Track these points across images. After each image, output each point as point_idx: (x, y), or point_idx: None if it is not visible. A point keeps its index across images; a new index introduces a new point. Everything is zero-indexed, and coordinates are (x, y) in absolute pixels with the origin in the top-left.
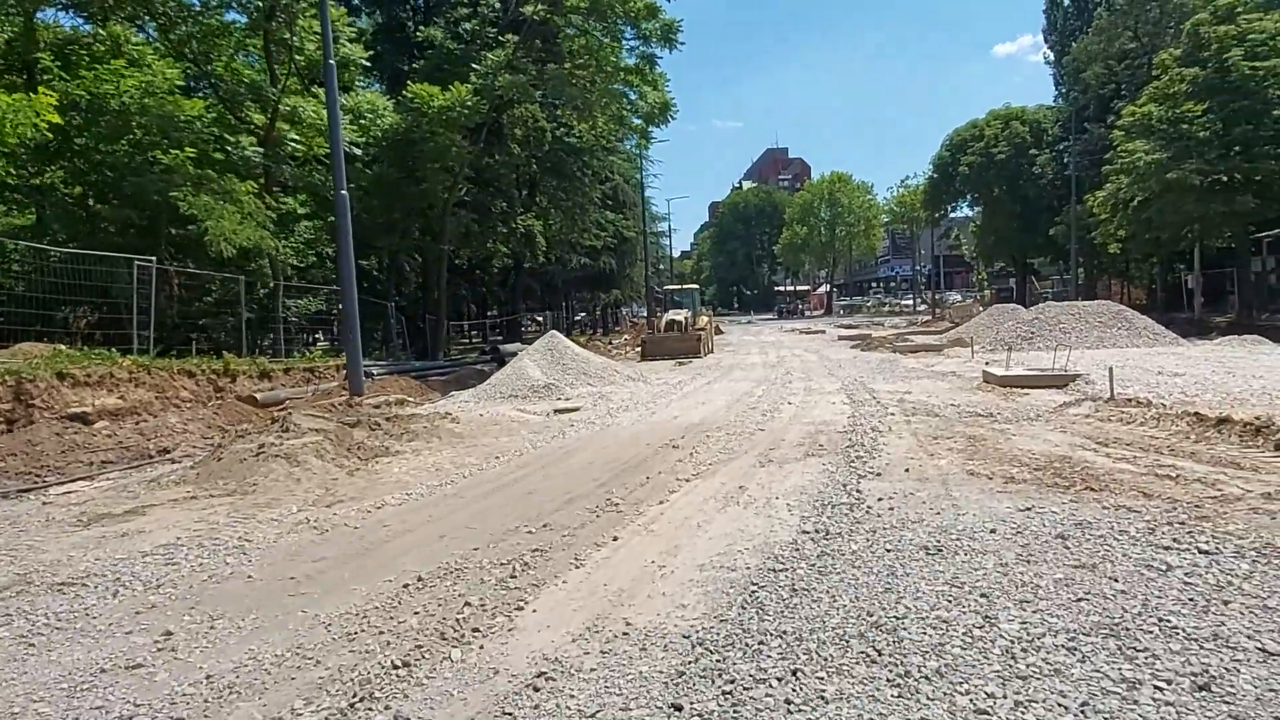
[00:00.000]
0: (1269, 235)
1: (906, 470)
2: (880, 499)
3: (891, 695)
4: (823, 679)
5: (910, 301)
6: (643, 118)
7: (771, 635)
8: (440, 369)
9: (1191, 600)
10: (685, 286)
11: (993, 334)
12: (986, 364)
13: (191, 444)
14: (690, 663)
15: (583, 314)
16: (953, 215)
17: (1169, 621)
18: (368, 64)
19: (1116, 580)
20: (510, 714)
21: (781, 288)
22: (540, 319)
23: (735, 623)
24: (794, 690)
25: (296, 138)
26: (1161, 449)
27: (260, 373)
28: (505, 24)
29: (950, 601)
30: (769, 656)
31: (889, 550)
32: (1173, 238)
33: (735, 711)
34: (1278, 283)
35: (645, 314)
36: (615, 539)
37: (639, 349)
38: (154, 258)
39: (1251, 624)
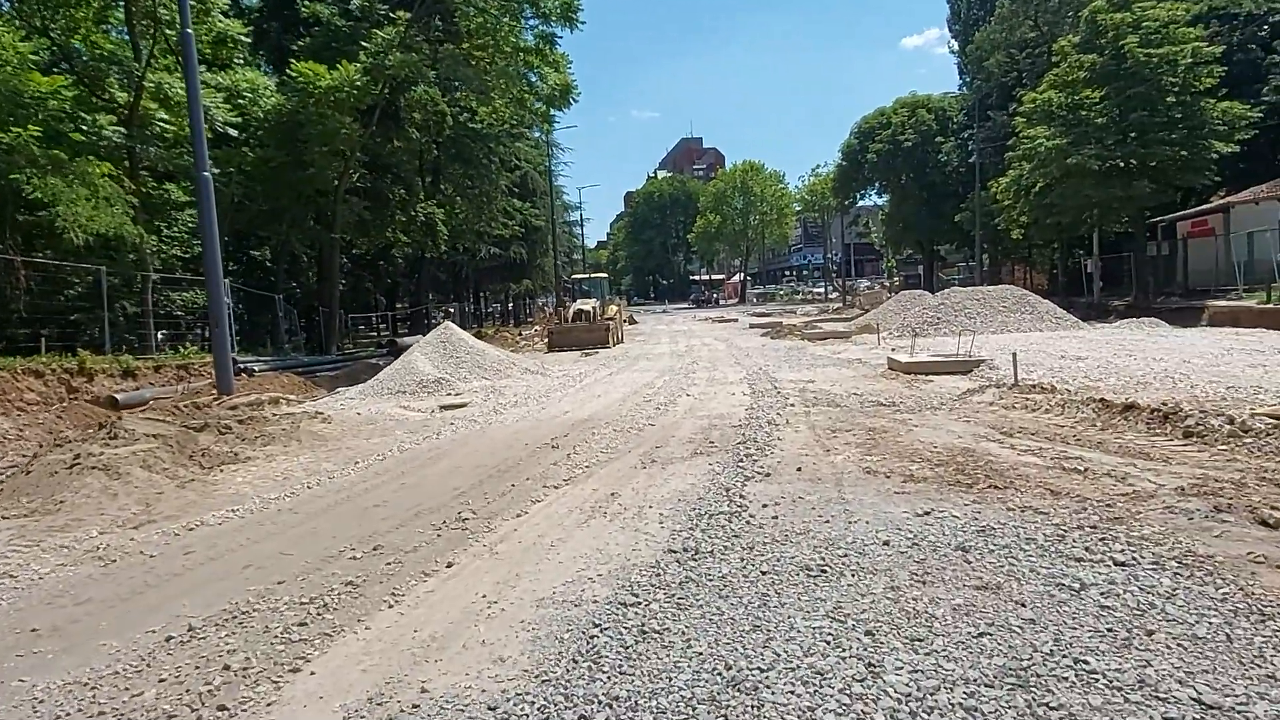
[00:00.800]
0: (1163, 220)
1: (799, 470)
2: (765, 505)
3: None
4: None
5: (822, 289)
6: (544, 100)
7: (600, 703)
8: (332, 364)
9: (1110, 631)
10: (594, 275)
11: (900, 320)
12: (892, 350)
13: (24, 453)
14: None
15: (497, 305)
16: (862, 203)
17: (1086, 663)
18: (247, 39)
19: (1024, 605)
20: None
21: (697, 277)
22: (451, 310)
23: (559, 684)
24: None
25: (166, 117)
26: (1068, 438)
27: (124, 371)
28: (397, 0)
29: (829, 643)
30: None
31: (765, 573)
32: (1073, 222)
33: None
34: (1170, 266)
35: (558, 303)
36: (449, 565)
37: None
38: None
39: (1181, 663)
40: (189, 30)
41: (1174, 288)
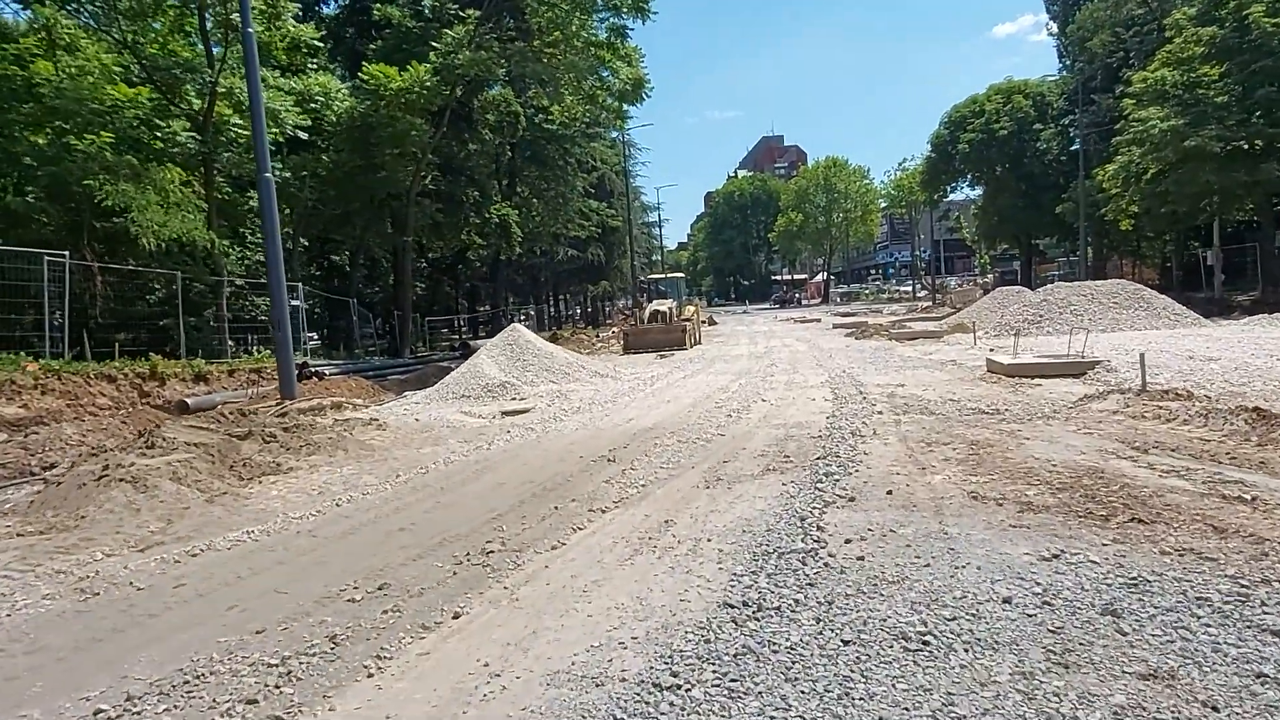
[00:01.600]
0: None
1: (889, 492)
2: (848, 540)
3: None
4: None
5: (910, 288)
6: (615, 95)
7: None
8: (403, 367)
9: None
10: (670, 275)
11: (997, 318)
12: (991, 350)
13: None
14: None
15: (578, 307)
16: (952, 197)
17: None
18: (320, 44)
19: (1216, 709)
20: None
21: (779, 277)
22: (531, 313)
23: None
24: None
25: (240, 122)
26: (1219, 456)
27: (196, 375)
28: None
29: None
30: None
31: (847, 643)
32: (1190, 211)
33: None
34: None
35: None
36: (456, 616)
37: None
38: (66, 252)
39: None
40: (250, 30)
41: None
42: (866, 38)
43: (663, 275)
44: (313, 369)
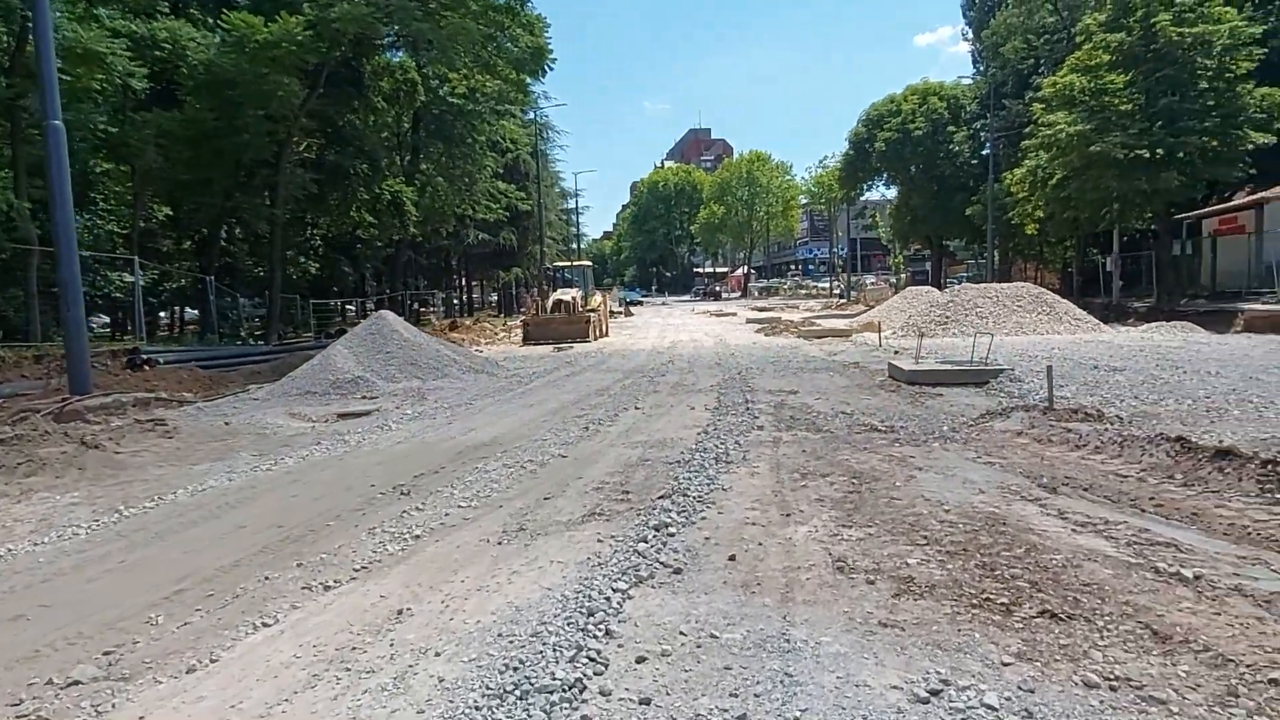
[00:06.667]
0: (1189, 216)
1: (732, 557)
2: (641, 659)
3: None
4: None
5: (827, 284)
6: (514, 64)
7: None
8: (263, 355)
9: None
10: (577, 264)
11: (904, 318)
12: (895, 353)
13: None
14: None
15: (494, 293)
16: (869, 195)
17: None
18: None
19: None
20: None
21: (700, 269)
22: (440, 297)
23: None
24: None
25: (63, 68)
26: (1141, 501)
27: None
28: None
29: None
30: None
31: None
32: (1092, 217)
33: None
34: (1192, 266)
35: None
36: None
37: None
38: None
39: None
40: None
41: (1198, 289)
42: (796, 40)
43: (569, 263)
44: (145, 356)
